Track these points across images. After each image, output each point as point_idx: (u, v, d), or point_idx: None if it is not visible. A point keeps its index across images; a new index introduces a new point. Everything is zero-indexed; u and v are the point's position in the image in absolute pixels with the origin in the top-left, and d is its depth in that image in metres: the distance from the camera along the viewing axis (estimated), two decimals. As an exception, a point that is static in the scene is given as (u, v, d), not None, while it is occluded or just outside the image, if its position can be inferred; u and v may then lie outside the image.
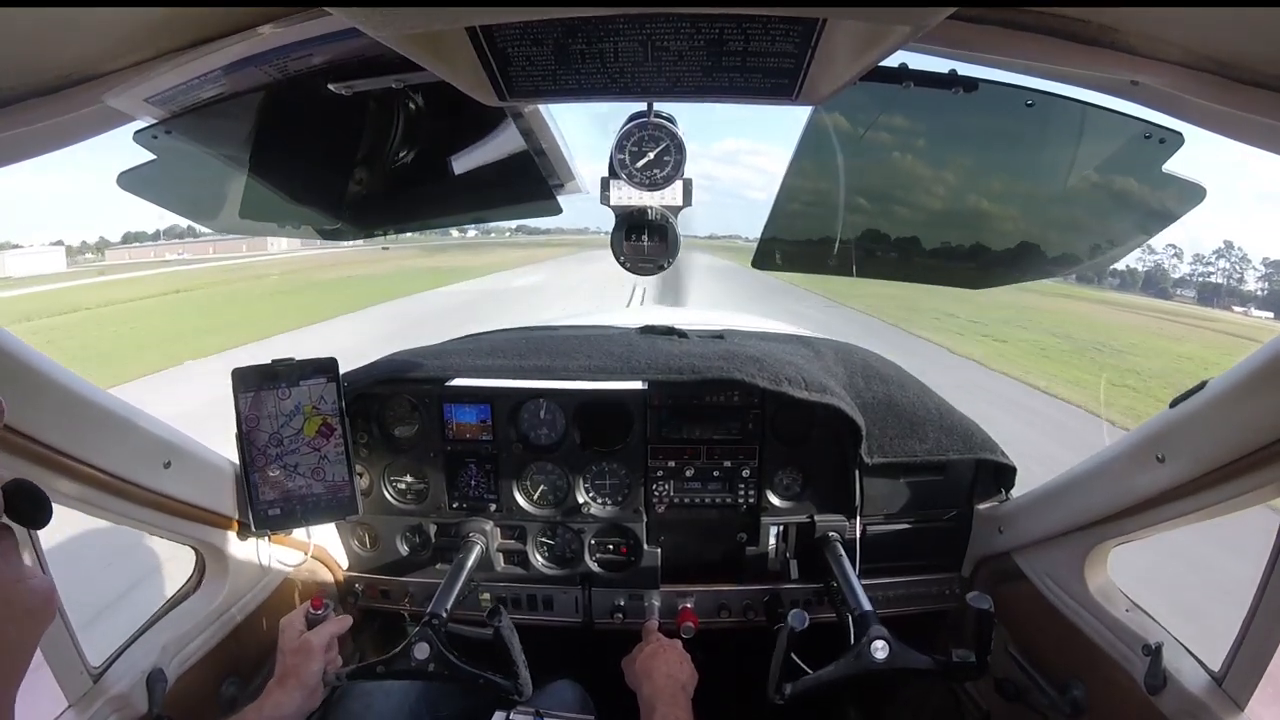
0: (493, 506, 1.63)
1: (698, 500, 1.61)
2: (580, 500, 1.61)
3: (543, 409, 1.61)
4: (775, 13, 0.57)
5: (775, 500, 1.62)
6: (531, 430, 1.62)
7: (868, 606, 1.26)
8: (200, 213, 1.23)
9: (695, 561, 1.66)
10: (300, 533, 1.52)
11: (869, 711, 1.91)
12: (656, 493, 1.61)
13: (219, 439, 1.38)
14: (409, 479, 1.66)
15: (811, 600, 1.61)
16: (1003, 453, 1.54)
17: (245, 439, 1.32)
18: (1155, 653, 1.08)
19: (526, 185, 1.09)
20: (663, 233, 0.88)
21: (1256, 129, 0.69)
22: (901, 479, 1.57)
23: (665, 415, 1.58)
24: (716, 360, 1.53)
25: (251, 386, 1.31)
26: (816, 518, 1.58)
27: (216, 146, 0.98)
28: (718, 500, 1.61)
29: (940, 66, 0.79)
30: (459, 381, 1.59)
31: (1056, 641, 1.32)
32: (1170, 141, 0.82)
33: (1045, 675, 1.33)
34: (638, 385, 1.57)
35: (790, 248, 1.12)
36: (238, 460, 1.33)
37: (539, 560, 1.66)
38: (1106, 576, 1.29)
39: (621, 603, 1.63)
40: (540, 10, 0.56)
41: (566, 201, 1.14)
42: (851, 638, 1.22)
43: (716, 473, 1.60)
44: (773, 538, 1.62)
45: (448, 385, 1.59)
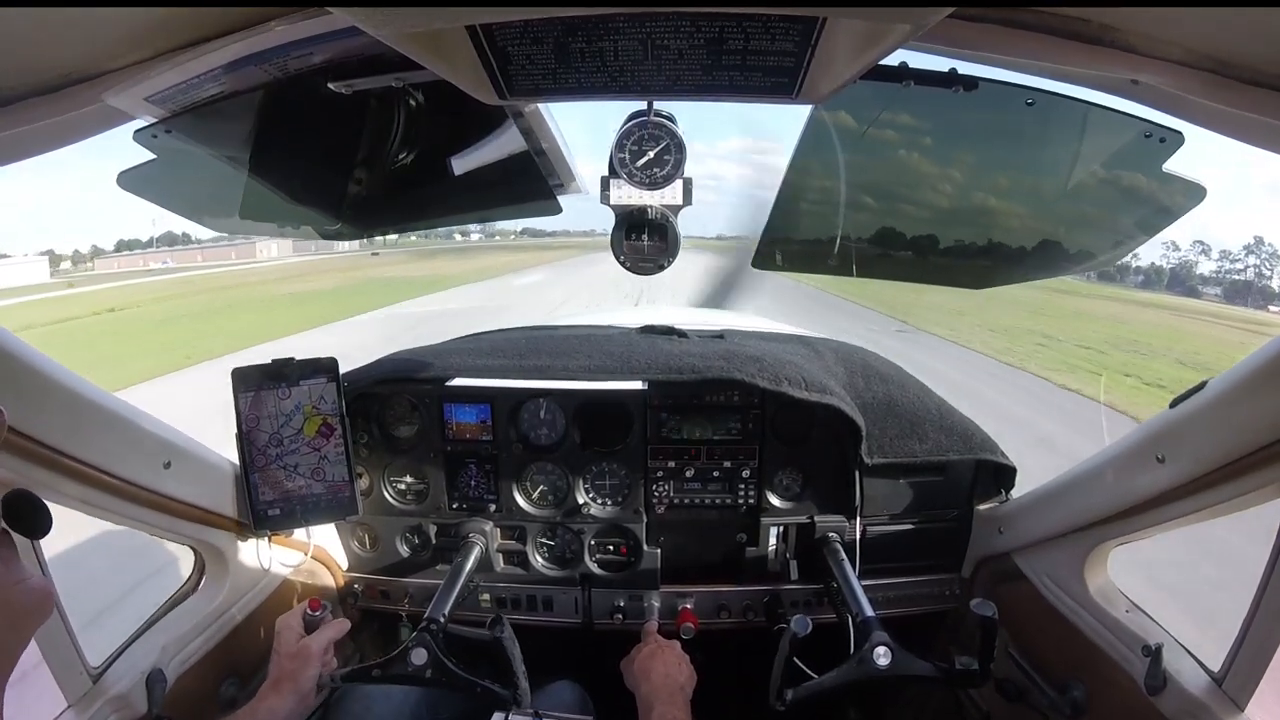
0: (493, 507, 1.63)
1: (698, 501, 1.61)
2: (580, 501, 1.61)
3: (543, 409, 1.61)
4: (775, 11, 0.57)
5: (775, 501, 1.61)
6: (531, 430, 1.62)
7: (869, 610, 1.26)
8: (200, 212, 1.23)
9: (695, 562, 1.66)
10: (300, 533, 1.52)
11: (869, 712, 1.91)
12: (656, 493, 1.61)
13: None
14: (409, 479, 1.66)
15: (811, 601, 1.61)
16: (1003, 453, 1.54)
17: (245, 439, 1.32)
18: (1155, 653, 1.07)
19: (527, 185, 1.09)
20: (663, 232, 0.88)
21: (1256, 128, 0.69)
22: (901, 479, 1.57)
23: (665, 415, 1.58)
24: (716, 360, 1.53)
25: (251, 386, 1.31)
26: (816, 518, 1.58)
27: (216, 146, 0.98)
28: (718, 501, 1.61)
29: (940, 65, 0.79)
30: (459, 381, 1.59)
31: (1056, 642, 1.32)
32: (1170, 141, 0.82)
33: (1045, 676, 1.33)
34: (638, 385, 1.57)
35: (791, 247, 1.12)
36: (238, 460, 1.33)
37: (539, 561, 1.66)
38: (1106, 577, 1.29)
39: (621, 603, 1.63)
40: (540, 9, 0.56)
41: (571, 202, 1.14)
42: (852, 641, 1.22)
43: (716, 473, 1.60)
44: (773, 538, 1.62)
45: (448, 385, 1.59)
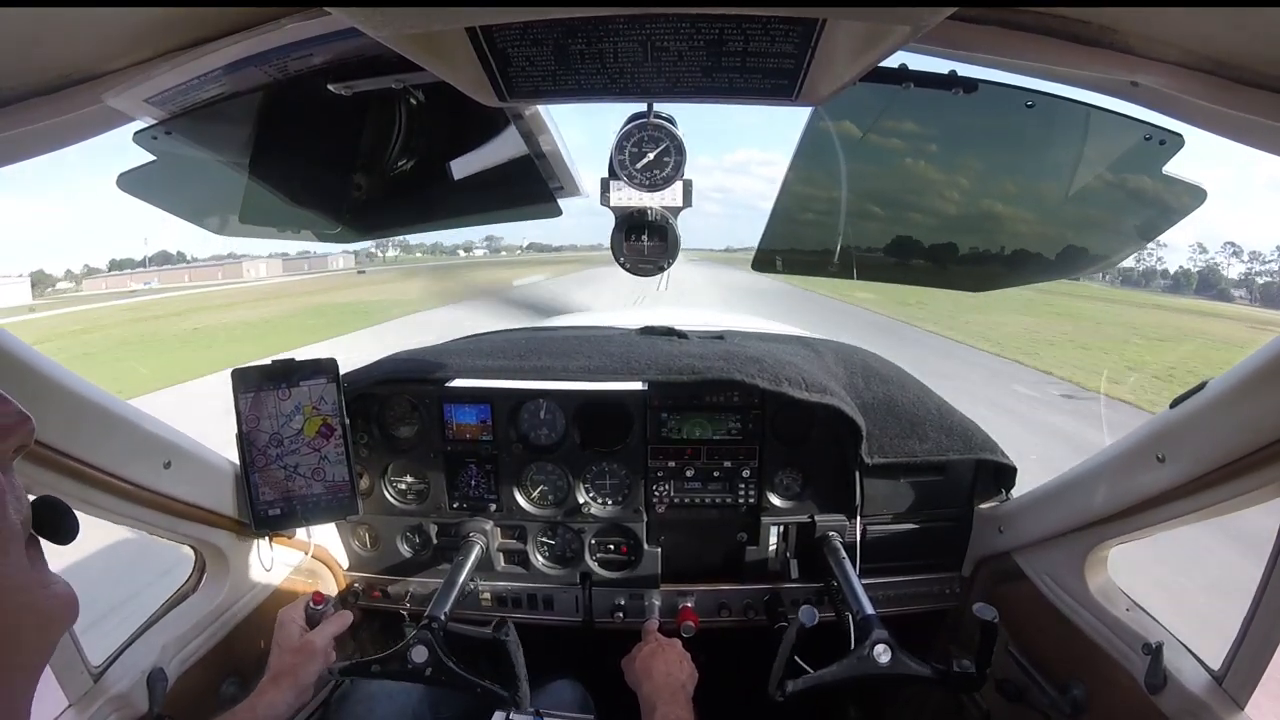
0: (493, 506, 1.63)
1: (698, 500, 1.61)
2: (580, 500, 1.61)
3: (543, 409, 1.61)
4: (775, 13, 0.57)
5: (775, 500, 1.62)
6: (531, 430, 1.62)
7: (869, 608, 1.26)
8: (200, 215, 1.22)
9: (695, 561, 1.66)
10: (300, 533, 1.52)
11: (869, 710, 1.91)
12: (657, 493, 1.61)
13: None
14: (409, 479, 1.66)
15: (812, 600, 1.61)
16: (1003, 453, 1.54)
17: (245, 439, 1.32)
18: (1155, 652, 1.07)
19: (527, 187, 1.09)
20: (663, 233, 0.88)
21: (1256, 130, 0.69)
22: (902, 479, 1.57)
23: (665, 415, 1.58)
24: (716, 360, 1.53)
25: (252, 387, 1.31)
26: (817, 518, 1.58)
27: (217, 147, 0.98)
28: (718, 500, 1.61)
29: (940, 67, 0.79)
30: (459, 382, 1.59)
31: (1057, 641, 1.32)
32: (1170, 143, 0.82)
33: (1045, 675, 1.33)
34: (638, 386, 1.57)
35: (791, 250, 1.12)
36: (238, 460, 1.34)
37: (539, 560, 1.66)
38: (1107, 576, 1.29)
39: (622, 602, 1.63)
40: (540, 10, 0.56)
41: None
42: (852, 639, 1.22)
43: (717, 473, 1.60)
44: (773, 538, 1.62)
45: (448, 386, 1.59)
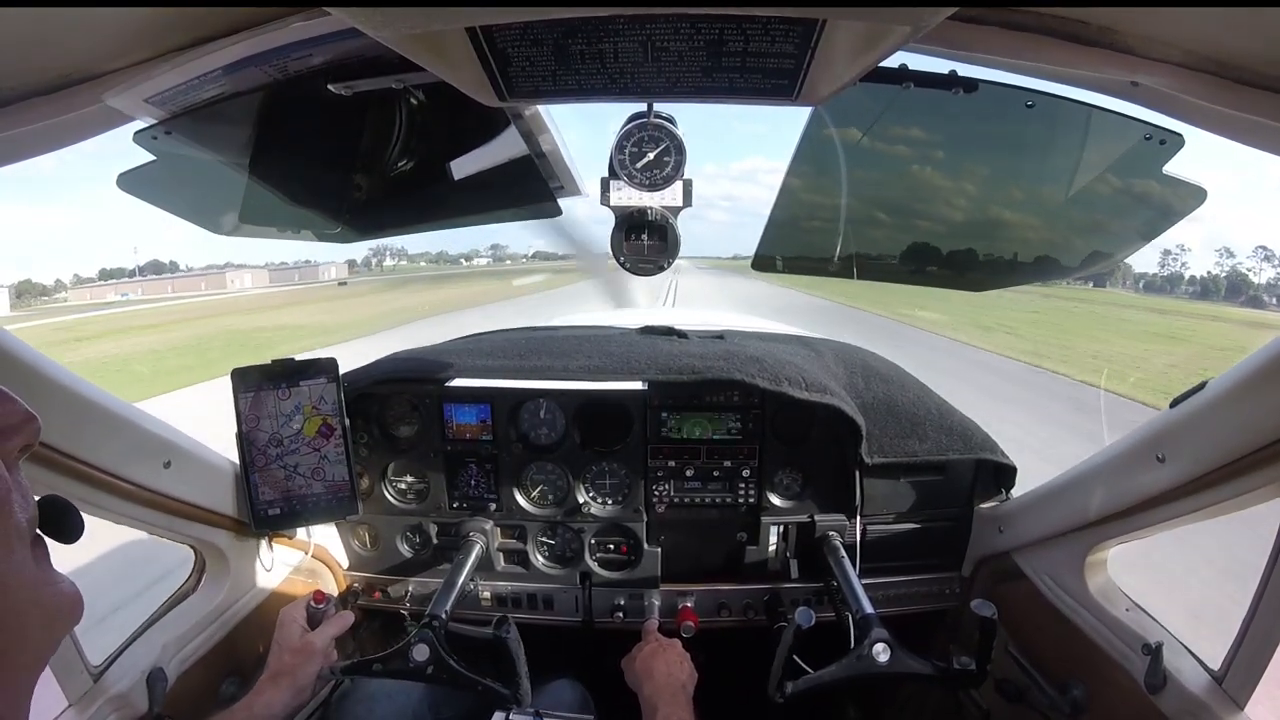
0: (493, 506, 1.63)
1: (698, 500, 1.61)
2: (580, 500, 1.61)
3: (543, 409, 1.61)
4: (775, 13, 0.57)
5: (775, 500, 1.62)
6: (531, 430, 1.62)
7: (869, 608, 1.26)
8: (200, 215, 1.23)
9: (695, 561, 1.66)
10: (300, 532, 1.52)
11: (868, 710, 1.91)
12: (656, 492, 1.61)
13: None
14: (409, 479, 1.66)
15: (811, 600, 1.61)
16: (1003, 452, 1.54)
17: (245, 439, 1.32)
18: (1155, 652, 1.07)
19: (527, 187, 1.09)
20: (663, 233, 0.88)
21: (1256, 130, 0.69)
22: (902, 479, 1.57)
23: (665, 415, 1.58)
24: (716, 360, 1.53)
25: (251, 386, 1.31)
26: (817, 517, 1.58)
27: (216, 147, 0.98)
28: (718, 500, 1.61)
29: (940, 67, 0.79)
30: (459, 381, 1.59)
31: (1056, 641, 1.32)
32: (1171, 143, 0.82)
33: (1045, 675, 1.33)
34: (638, 385, 1.57)
35: (791, 250, 1.12)
36: (238, 460, 1.34)
37: (539, 560, 1.66)
38: (1106, 576, 1.29)
39: (622, 602, 1.63)
40: (540, 10, 0.56)
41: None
42: (852, 638, 1.22)
43: (716, 473, 1.60)
44: (773, 537, 1.62)
45: (448, 385, 1.59)
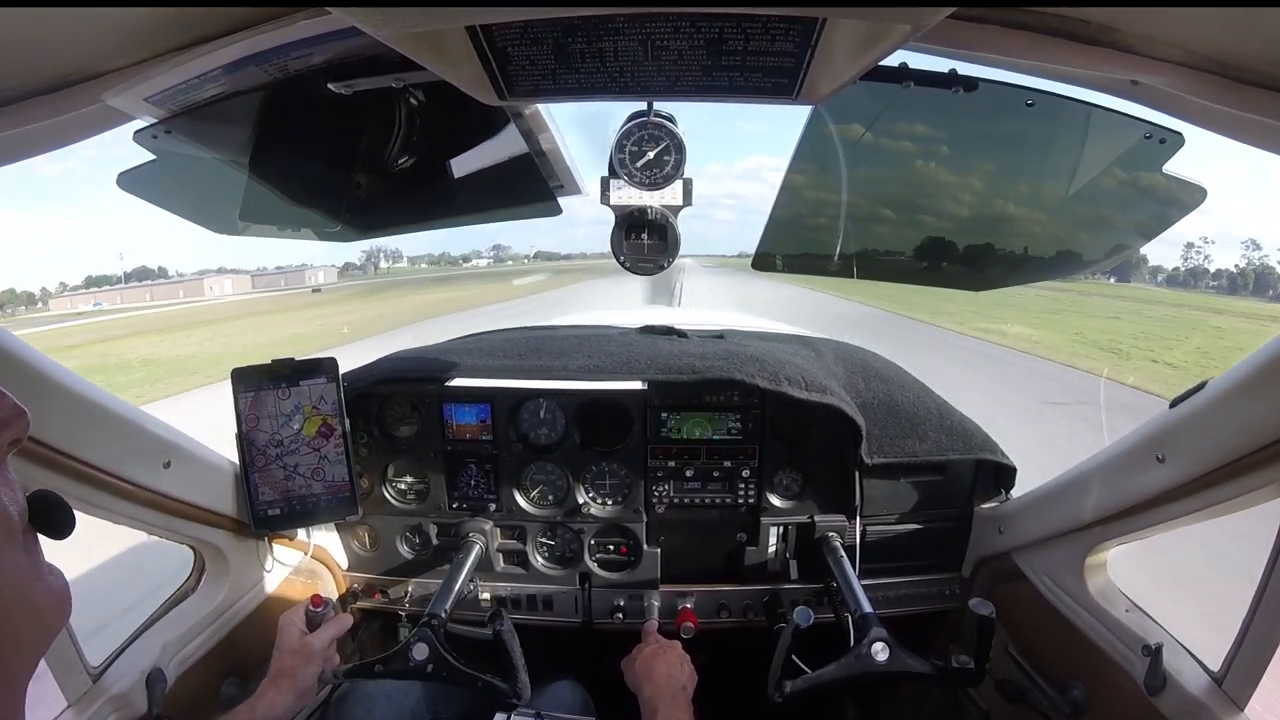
0: (493, 506, 1.63)
1: (698, 500, 1.61)
2: (580, 500, 1.61)
3: (542, 409, 1.61)
4: (775, 12, 0.57)
5: (775, 500, 1.61)
6: (531, 430, 1.62)
7: (868, 607, 1.26)
8: (200, 214, 1.23)
9: (695, 562, 1.66)
10: (300, 533, 1.52)
11: (867, 710, 1.91)
12: (656, 493, 1.61)
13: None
14: (409, 479, 1.66)
15: (811, 600, 1.61)
16: (1003, 453, 1.54)
17: (245, 439, 1.32)
18: (1155, 653, 1.07)
19: (527, 186, 1.09)
20: (663, 232, 0.88)
21: (1256, 129, 0.69)
22: (901, 479, 1.57)
23: (665, 415, 1.58)
24: (716, 360, 1.52)
25: (251, 386, 1.31)
26: (816, 518, 1.58)
27: (217, 147, 0.98)
28: (718, 500, 1.61)
29: (940, 66, 0.79)
30: (459, 381, 1.59)
31: (1056, 642, 1.32)
32: (1171, 142, 0.82)
33: (1045, 675, 1.33)
34: (637, 385, 1.57)
35: (791, 249, 1.12)
36: (237, 460, 1.33)
37: (539, 560, 1.66)
38: (1106, 576, 1.29)
39: (621, 603, 1.63)
40: (540, 9, 0.56)
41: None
42: (851, 638, 1.22)
43: (716, 473, 1.60)
44: (773, 538, 1.62)
45: (447, 385, 1.59)
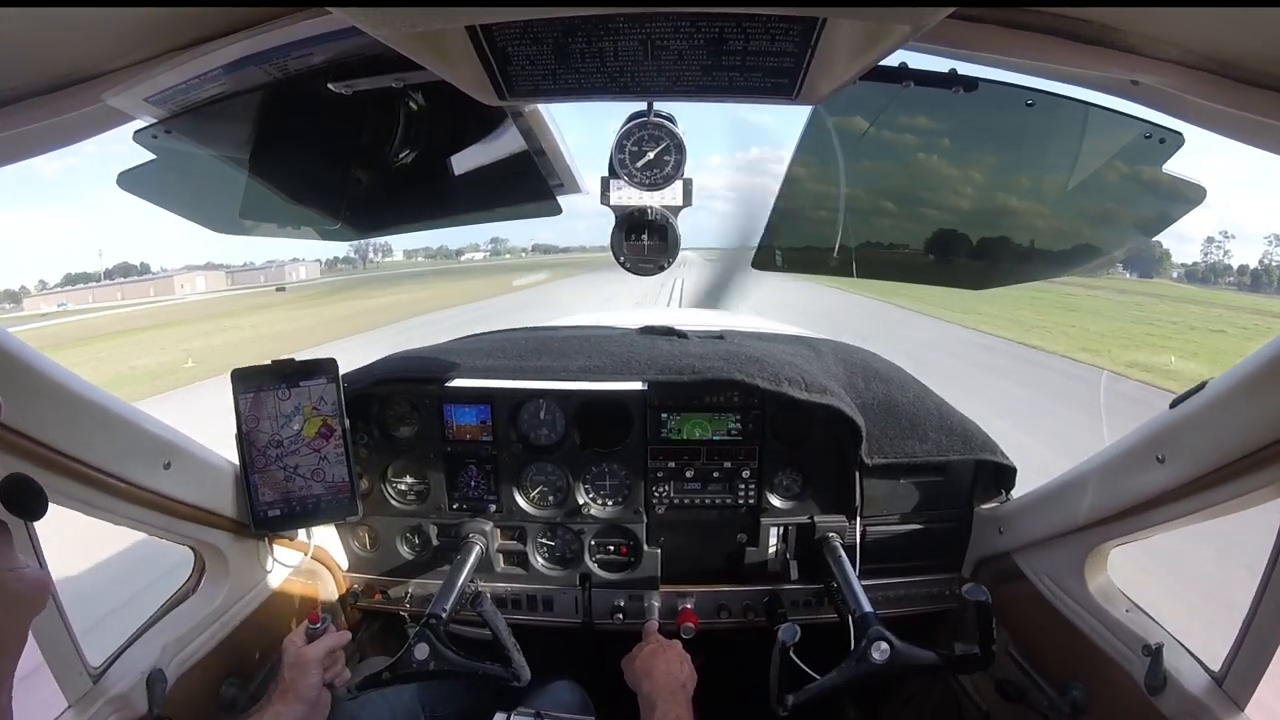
0: (493, 507, 1.63)
1: (698, 501, 1.61)
2: (580, 501, 1.61)
3: (542, 409, 1.61)
4: (775, 12, 0.57)
5: (775, 501, 1.61)
6: (531, 431, 1.62)
7: (868, 608, 1.26)
8: (200, 213, 1.23)
9: (695, 562, 1.66)
10: (300, 534, 1.52)
11: (868, 711, 1.91)
12: (656, 493, 1.61)
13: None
14: (409, 480, 1.66)
15: (811, 601, 1.61)
16: (1003, 453, 1.54)
17: (245, 439, 1.32)
18: (1155, 653, 1.07)
19: (527, 185, 1.09)
20: (663, 232, 0.88)
21: (1256, 129, 0.69)
22: (902, 480, 1.57)
23: (665, 416, 1.57)
24: (716, 360, 1.52)
25: (251, 387, 1.31)
26: (817, 518, 1.58)
27: (217, 146, 0.98)
28: (718, 501, 1.61)
29: (940, 66, 0.79)
30: (459, 382, 1.59)
31: (1056, 642, 1.32)
32: (1171, 142, 0.82)
33: (1045, 676, 1.33)
34: (637, 386, 1.56)
35: (791, 247, 1.12)
36: (237, 461, 1.33)
37: (539, 561, 1.66)
38: (1106, 577, 1.29)
39: (621, 603, 1.63)
40: (540, 9, 0.56)
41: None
42: (852, 639, 1.22)
43: (716, 473, 1.60)
44: (773, 538, 1.62)
45: (447, 386, 1.59)
